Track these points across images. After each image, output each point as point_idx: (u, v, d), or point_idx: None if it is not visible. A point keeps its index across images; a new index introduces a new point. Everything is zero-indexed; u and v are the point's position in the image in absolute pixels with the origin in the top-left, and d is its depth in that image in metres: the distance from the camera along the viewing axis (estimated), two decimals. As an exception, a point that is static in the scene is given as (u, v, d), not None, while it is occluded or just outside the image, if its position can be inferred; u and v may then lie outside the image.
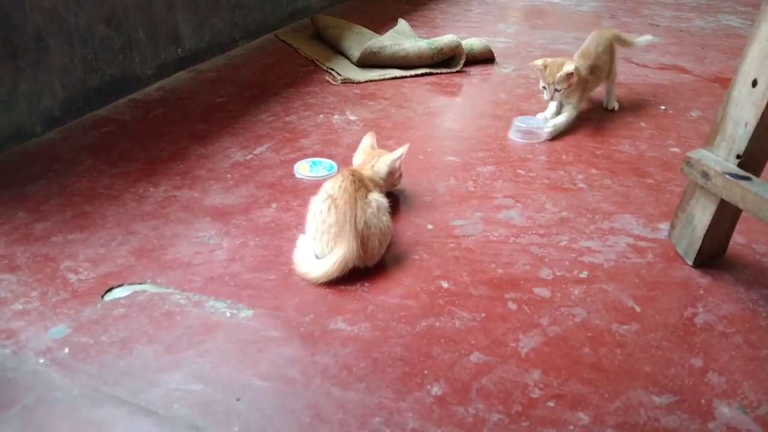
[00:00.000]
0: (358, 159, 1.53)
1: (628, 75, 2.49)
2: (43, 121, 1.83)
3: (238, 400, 0.97)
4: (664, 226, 1.46)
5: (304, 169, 1.68)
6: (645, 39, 2.18)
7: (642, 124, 2.04)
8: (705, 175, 1.20)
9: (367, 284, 1.25)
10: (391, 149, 1.52)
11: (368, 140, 1.56)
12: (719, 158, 1.21)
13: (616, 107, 2.14)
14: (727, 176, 1.14)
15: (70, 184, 1.58)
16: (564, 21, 3.39)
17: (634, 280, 1.28)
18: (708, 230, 1.27)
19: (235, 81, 2.30)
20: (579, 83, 1.91)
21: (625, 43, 2.15)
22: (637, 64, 2.63)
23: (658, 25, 3.30)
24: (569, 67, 1.86)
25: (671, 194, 1.61)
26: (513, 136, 1.91)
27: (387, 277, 1.28)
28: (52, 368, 1.03)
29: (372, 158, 1.49)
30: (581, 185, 1.64)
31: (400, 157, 1.47)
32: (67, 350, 1.06)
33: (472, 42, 2.54)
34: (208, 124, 1.94)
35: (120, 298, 1.19)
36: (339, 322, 1.15)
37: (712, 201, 1.23)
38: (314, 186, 1.52)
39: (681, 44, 2.96)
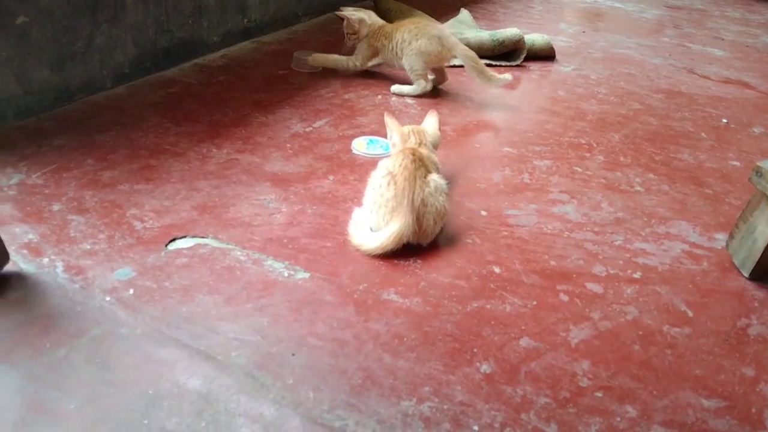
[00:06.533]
0: (406, 141, 1.43)
1: (689, 85, 2.45)
2: (113, 75, 1.89)
3: (293, 355, 1.00)
4: (721, 236, 1.44)
5: (361, 145, 1.70)
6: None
7: (702, 134, 2.01)
8: (775, 186, 1.19)
9: (419, 261, 1.27)
10: (446, 134, 1.53)
11: (395, 120, 1.49)
12: (791, 170, 1.19)
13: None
14: (800, 189, 1.13)
15: (137, 138, 1.63)
16: (626, 26, 3.34)
17: (687, 285, 1.27)
18: (770, 243, 1.25)
19: (297, 55, 2.33)
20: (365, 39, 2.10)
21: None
22: (700, 76, 2.58)
23: (723, 39, 3.23)
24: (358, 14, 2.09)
25: (729, 206, 1.59)
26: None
27: (439, 256, 1.29)
28: (118, 306, 1.07)
29: (418, 134, 1.45)
30: (638, 188, 1.62)
31: (438, 120, 1.55)
32: (131, 291, 1.11)
33: (534, 37, 2.52)
34: (270, 94, 1.97)
35: (183, 248, 1.23)
36: (391, 293, 1.17)
37: (779, 213, 1.21)
38: (370, 163, 1.55)
39: (746, 60, 2.89)
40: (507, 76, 2.05)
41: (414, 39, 1.99)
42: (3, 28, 1.55)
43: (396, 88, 2.07)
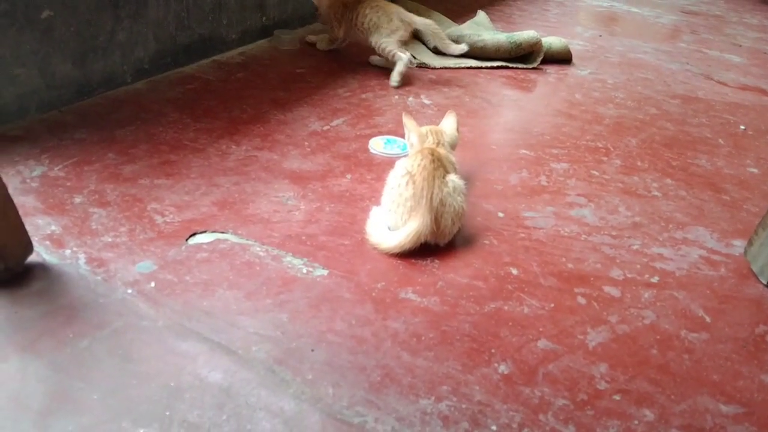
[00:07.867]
0: (424, 141, 1.43)
1: (707, 91, 2.44)
2: (133, 71, 1.91)
3: (312, 351, 1.01)
4: (739, 243, 1.44)
5: (378, 145, 1.71)
6: None
7: (720, 141, 2.00)
8: (796, 193, 1.18)
9: (437, 261, 1.27)
10: (463, 136, 1.54)
11: (413, 120, 1.48)
12: (813, 178, 1.18)
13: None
14: (822, 196, 1.12)
15: (157, 133, 1.64)
16: (643, 31, 3.33)
17: (705, 291, 1.27)
18: (789, 251, 1.24)
19: (314, 54, 2.34)
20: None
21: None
22: (717, 82, 2.57)
23: (740, 46, 3.21)
24: None
25: (747, 213, 1.58)
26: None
27: (456, 257, 1.30)
28: (139, 299, 1.09)
29: (436, 135, 1.45)
30: (655, 193, 1.62)
31: (457, 121, 1.55)
32: (153, 284, 1.12)
33: (551, 40, 2.52)
34: (288, 93, 1.98)
35: (203, 243, 1.24)
36: (409, 292, 1.17)
37: (799, 221, 1.21)
38: (387, 162, 1.55)
39: (764, 66, 2.87)
40: (463, 46, 2.18)
41: (377, 28, 2.13)
42: (28, 21, 1.57)
43: (394, 79, 2.12)
